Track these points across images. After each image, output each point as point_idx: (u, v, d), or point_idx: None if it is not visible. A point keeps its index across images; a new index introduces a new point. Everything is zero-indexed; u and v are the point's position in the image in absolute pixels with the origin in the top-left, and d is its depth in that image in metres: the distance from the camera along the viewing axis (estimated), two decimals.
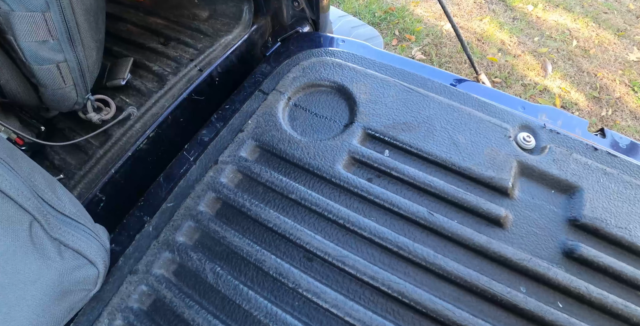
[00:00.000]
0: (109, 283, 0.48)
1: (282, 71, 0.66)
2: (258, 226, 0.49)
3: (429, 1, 1.94)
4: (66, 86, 0.59)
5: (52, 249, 0.44)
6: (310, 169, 0.51)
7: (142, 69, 0.74)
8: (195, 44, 0.76)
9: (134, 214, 0.55)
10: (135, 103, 0.67)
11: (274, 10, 0.84)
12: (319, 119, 0.59)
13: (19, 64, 0.60)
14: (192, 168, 0.55)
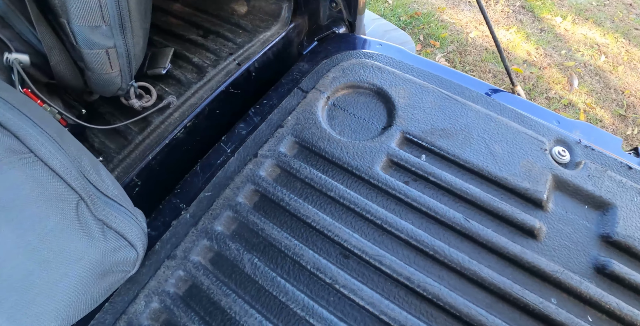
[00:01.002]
0: (146, 266, 0.49)
1: (321, 70, 0.67)
2: (296, 221, 0.50)
3: (455, 8, 1.95)
4: (112, 72, 0.61)
5: (96, 229, 0.46)
6: (348, 168, 0.53)
7: (182, 59, 0.76)
8: (235, 38, 0.78)
9: (171, 201, 0.57)
10: (174, 92, 0.69)
11: (311, 9, 0.85)
12: (357, 119, 0.60)
13: (69, 47, 0.62)
14: (231, 159, 0.57)
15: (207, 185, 0.56)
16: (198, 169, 0.60)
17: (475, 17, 1.93)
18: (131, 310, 0.46)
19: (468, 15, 1.92)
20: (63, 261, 0.45)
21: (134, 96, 0.65)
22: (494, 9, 1.92)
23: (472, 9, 1.97)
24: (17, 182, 0.43)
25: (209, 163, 0.60)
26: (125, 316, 0.46)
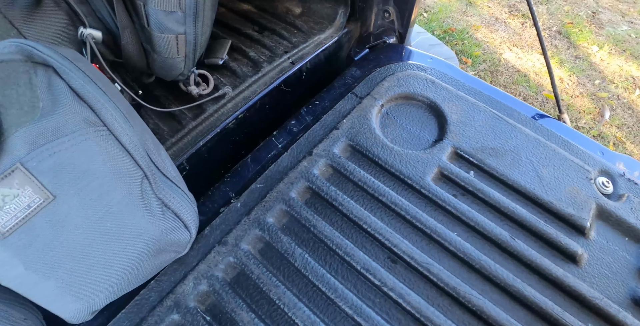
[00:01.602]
0: (194, 250, 0.51)
1: (375, 78, 0.69)
2: (346, 222, 0.52)
3: (490, 28, 1.98)
4: (178, 57, 0.63)
5: (157, 208, 0.48)
6: (400, 176, 0.55)
7: (238, 52, 0.78)
8: (290, 37, 0.80)
9: (220, 188, 0.59)
10: (229, 83, 0.72)
11: (364, 17, 0.88)
12: (408, 130, 0.62)
13: (138, 29, 0.64)
14: (284, 155, 0.59)
15: (258, 177, 0.58)
16: (249, 161, 0.62)
17: (510, 38, 1.95)
18: (179, 290, 0.48)
19: (503, 36, 1.95)
20: (124, 234, 0.46)
21: (193, 83, 0.68)
22: (530, 32, 1.95)
23: (507, 30, 1.99)
24: (90, 153, 0.45)
25: (259, 155, 0.62)
26: (173, 295, 0.48)
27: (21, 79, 0.43)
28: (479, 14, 2.10)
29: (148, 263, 0.49)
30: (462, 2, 2.22)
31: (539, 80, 1.77)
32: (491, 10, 2.14)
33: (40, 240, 0.44)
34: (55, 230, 0.44)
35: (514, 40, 1.95)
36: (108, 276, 0.47)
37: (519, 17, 2.08)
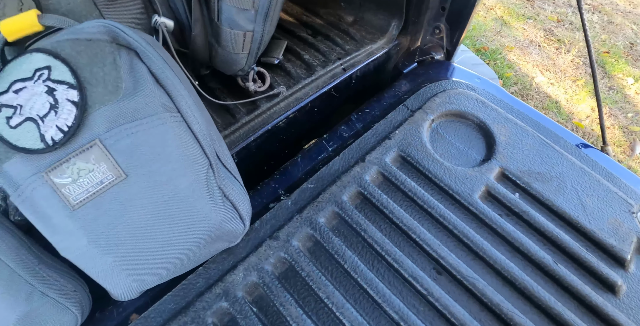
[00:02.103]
0: (244, 241, 0.54)
1: (426, 93, 0.72)
2: (395, 229, 0.54)
3: (524, 50, 2.01)
4: (242, 53, 0.66)
5: (218, 197, 0.50)
6: (449, 191, 0.57)
7: (293, 54, 0.81)
8: (344, 45, 0.83)
9: (269, 184, 0.61)
10: (283, 83, 0.74)
11: (414, 31, 0.91)
12: (456, 147, 0.64)
13: (206, 22, 0.66)
14: (335, 158, 0.61)
15: (309, 177, 0.60)
16: (299, 160, 0.64)
17: (543, 62, 1.98)
18: (228, 279, 0.50)
19: (536, 59, 1.97)
20: (187, 219, 0.49)
21: (251, 79, 0.70)
22: (564, 58, 1.97)
23: (540, 54, 2.02)
24: (165, 137, 0.47)
25: (310, 156, 0.65)
26: (222, 283, 0.50)
27: (107, 59, 0.45)
28: (513, 36, 2.13)
29: (203, 249, 0.51)
30: (497, 22, 2.25)
31: (570, 107, 1.78)
32: (526, 33, 2.16)
33: (106, 216, 0.47)
34: (122, 208, 0.47)
35: (547, 65, 1.97)
36: (165, 258, 0.49)
37: (554, 42, 2.11)
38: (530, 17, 2.26)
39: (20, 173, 0.45)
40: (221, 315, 0.49)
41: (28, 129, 0.44)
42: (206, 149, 0.52)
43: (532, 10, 2.32)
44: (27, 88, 0.44)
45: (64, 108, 0.44)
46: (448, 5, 0.85)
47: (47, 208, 0.46)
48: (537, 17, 2.26)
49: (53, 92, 0.44)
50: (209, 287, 0.52)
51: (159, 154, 0.47)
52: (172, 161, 0.47)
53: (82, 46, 0.45)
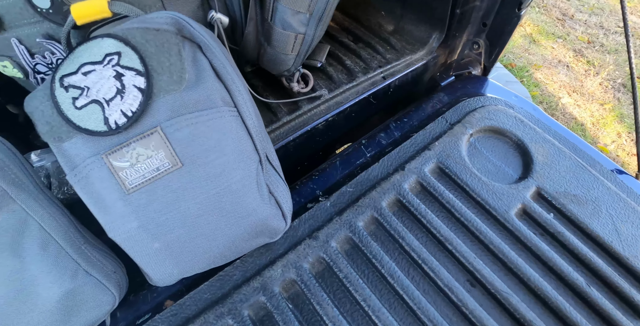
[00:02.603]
0: (283, 238, 0.55)
1: (465, 107, 0.73)
2: (431, 239, 0.55)
3: (552, 69, 2.01)
4: (291, 54, 0.68)
5: (265, 192, 0.52)
6: (486, 206, 0.58)
7: (334, 59, 0.83)
8: (385, 53, 0.85)
9: (307, 184, 0.63)
10: (325, 87, 0.76)
11: (453, 45, 0.92)
12: (494, 163, 0.66)
13: (258, 20, 0.68)
14: (375, 164, 0.63)
15: (347, 181, 0.62)
16: (337, 164, 0.66)
17: (571, 83, 1.98)
18: (267, 274, 0.52)
19: (563, 80, 1.98)
20: (235, 213, 0.50)
21: (296, 80, 0.72)
22: (592, 81, 1.97)
23: (568, 74, 2.02)
24: (223, 131, 0.49)
25: (348, 160, 0.66)
26: (260, 278, 0.51)
27: (173, 49, 0.47)
28: (541, 54, 2.14)
29: (246, 243, 0.53)
30: (526, 39, 2.27)
31: (595, 131, 1.78)
32: (555, 52, 2.17)
33: (158, 203, 0.49)
34: (174, 196, 0.49)
35: (574, 86, 1.97)
36: (210, 248, 0.51)
37: (583, 63, 2.11)
38: (560, 36, 2.27)
39: (79, 153, 0.47)
40: (258, 308, 0.51)
41: (93, 111, 0.46)
42: (257, 145, 0.54)
43: (562, 29, 2.33)
44: (96, 71, 0.46)
45: (130, 94, 0.46)
46: (490, 22, 0.87)
47: (102, 189, 0.48)
48: (567, 36, 2.27)
49: (121, 78, 0.46)
50: (246, 280, 0.53)
51: (215, 147, 0.49)
52: (227, 154, 0.49)
53: (150, 35, 0.47)
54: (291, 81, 0.74)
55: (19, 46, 0.55)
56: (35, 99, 0.47)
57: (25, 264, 0.47)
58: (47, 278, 0.48)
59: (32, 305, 0.48)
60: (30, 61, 0.57)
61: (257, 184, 0.52)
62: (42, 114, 0.47)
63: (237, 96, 0.52)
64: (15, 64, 0.58)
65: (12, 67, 0.59)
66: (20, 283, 0.47)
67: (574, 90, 1.96)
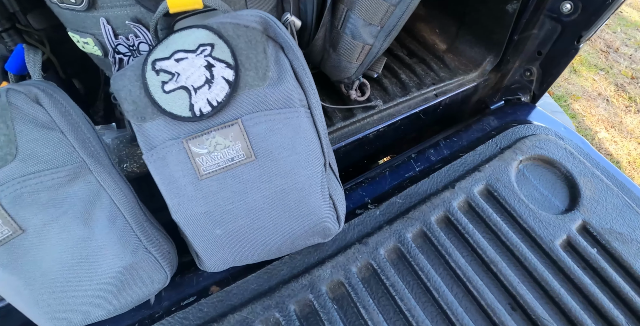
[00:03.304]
0: (332, 241, 0.58)
1: (516, 134, 0.76)
2: (476, 259, 0.58)
3: (590, 102, 2.02)
4: (354, 63, 0.71)
5: (326, 194, 0.55)
6: (531, 233, 0.60)
7: (390, 71, 0.86)
8: (438, 71, 0.88)
9: (357, 190, 0.66)
10: (379, 98, 0.78)
11: (505, 70, 0.95)
12: (541, 192, 0.68)
13: (327, 26, 0.71)
14: (424, 179, 0.66)
15: (396, 192, 0.64)
16: (387, 174, 0.68)
17: (610, 118, 1.98)
18: (316, 273, 0.54)
19: (602, 114, 1.98)
20: (297, 210, 0.53)
21: (354, 88, 0.75)
22: (632, 118, 1.97)
23: (608, 109, 2.02)
24: (298, 130, 0.52)
25: (397, 172, 0.69)
26: (309, 276, 0.54)
27: (259, 47, 0.50)
28: (581, 85, 2.15)
29: (301, 241, 0.56)
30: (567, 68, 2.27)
31: (631, 170, 1.77)
32: (596, 84, 2.18)
33: (227, 191, 0.51)
34: (243, 187, 0.51)
35: (612, 122, 1.96)
36: (268, 241, 0.54)
37: (624, 99, 2.11)
38: (603, 68, 2.27)
39: (160, 135, 0.50)
40: (304, 305, 0.53)
41: (180, 96, 0.49)
42: (324, 148, 0.56)
43: (605, 61, 2.33)
44: (188, 59, 0.49)
45: (217, 85, 0.49)
46: (545, 51, 0.89)
47: (177, 171, 0.51)
48: (609, 69, 2.27)
49: (211, 68, 0.49)
50: (294, 277, 0.56)
51: (288, 144, 0.52)
52: (298, 153, 0.52)
53: (241, 31, 0.49)
54: (349, 89, 0.77)
55: (105, 26, 0.59)
56: (124, 78, 0.50)
57: (93, 234, 0.50)
58: (111, 250, 0.51)
59: (92, 274, 0.51)
60: (114, 41, 0.61)
61: (320, 185, 0.55)
62: (129, 93, 0.50)
63: (312, 98, 0.55)
64: (97, 42, 0.62)
65: (93, 45, 0.63)
66: (86, 251, 0.50)
67: (612, 125, 1.95)
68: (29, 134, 0.47)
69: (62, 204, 0.49)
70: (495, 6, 0.87)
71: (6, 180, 0.47)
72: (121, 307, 0.54)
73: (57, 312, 0.52)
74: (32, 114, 0.48)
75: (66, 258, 0.50)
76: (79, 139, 0.50)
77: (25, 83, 0.50)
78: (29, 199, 0.48)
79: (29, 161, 0.47)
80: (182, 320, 0.54)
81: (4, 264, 0.49)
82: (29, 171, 0.47)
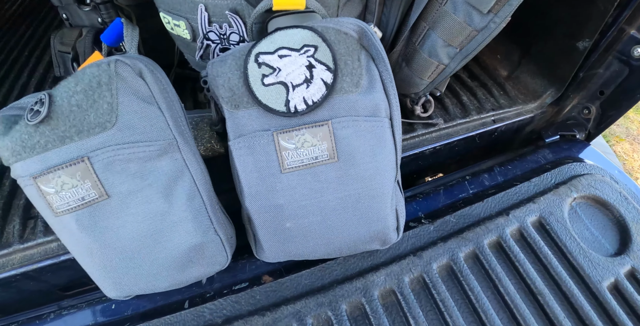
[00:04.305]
0: (386, 249, 0.60)
1: (572, 171, 0.78)
2: (524, 288, 0.61)
3: (634, 145, 2.02)
4: (425, 80, 0.74)
5: (393, 204, 0.62)
6: (580, 271, 0.62)
7: (452, 92, 0.89)
8: (499, 97, 0.91)
9: (411, 204, 0.68)
10: (440, 116, 0.81)
11: (564, 105, 0.96)
12: (592, 232, 0.70)
13: (405, 41, 0.74)
14: (478, 203, 0.68)
15: (450, 211, 0.67)
16: (441, 192, 0.71)
17: None
18: (370, 278, 0.57)
19: None
20: (367, 216, 0.59)
21: (420, 104, 0.77)
22: None
23: None
24: (381, 139, 0.58)
25: (452, 191, 0.72)
26: (363, 280, 0.57)
27: (354, 54, 0.53)
28: (626, 126, 2.14)
29: (362, 245, 0.59)
30: None
31: None
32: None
33: (304, 188, 0.56)
34: (320, 186, 0.56)
35: None
36: (332, 241, 0.59)
37: None
38: None
39: (250, 124, 0.54)
40: (355, 307, 0.56)
41: (277, 91, 0.52)
42: (398, 160, 0.58)
43: None
44: (291, 57, 0.52)
45: (315, 85, 0.52)
46: (609, 92, 0.90)
47: (261, 162, 0.54)
48: None
49: (311, 69, 0.52)
50: (347, 278, 0.59)
51: (369, 152, 0.55)
52: (377, 161, 0.55)
53: (341, 37, 0.53)
54: (415, 104, 0.80)
55: (202, 12, 0.62)
56: (224, 66, 0.53)
57: (171, 209, 0.53)
58: (184, 227, 0.54)
59: (162, 247, 0.54)
60: (207, 27, 0.65)
61: (391, 195, 0.57)
62: (227, 81, 0.53)
63: (395, 110, 0.58)
64: (188, 25, 0.66)
65: (184, 28, 0.67)
66: (161, 225, 0.53)
67: None
68: (129, 106, 0.51)
69: (148, 177, 0.52)
70: (565, 42, 0.90)
71: (102, 145, 0.50)
72: (180, 282, 0.58)
73: (122, 278, 0.56)
74: (136, 87, 0.51)
75: (142, 229, 0.53)
76: (173, 117, 0.54)
77: (130, 56, 0.53)
78: (119, 167, 0.51)
79: (126, 131, 0.51)
80: (234, 303, 0.57)
81: (84, 225, 0.52)
82: (124, 141, 0.51)
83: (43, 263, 0.67)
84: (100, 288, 0.58)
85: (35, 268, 0.67)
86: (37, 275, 0.70)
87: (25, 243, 0.69)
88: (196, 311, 0.57)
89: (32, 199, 0.54)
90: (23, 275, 0.68)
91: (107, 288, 0.58)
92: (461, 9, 0.67)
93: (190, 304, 0.59)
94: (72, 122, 0.50)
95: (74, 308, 0.64)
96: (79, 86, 0.50)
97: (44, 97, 0.50)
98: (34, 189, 0.51)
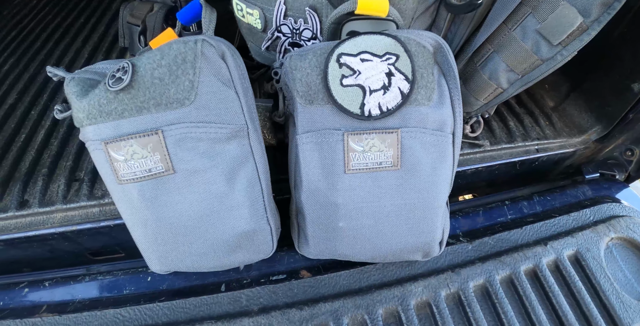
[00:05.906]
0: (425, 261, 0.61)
1: (611, 210, 0.80)
2: (555, 320, 0.65)
3: None
4: (480, 101, 0.78)
5: (443, 218, 0.60)
6: (611, 311, 0.69)
7: (499, 115, 0.92)
8: (544, 127, 0.95)
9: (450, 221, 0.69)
10: (486, 138, 0.84)
11: (608, 144, 0.98)
12: (625, 274, 0.72)
13: (463, 60, 0.76)
14: (516, 229, 0.71)
15: (488, 233, 0.69)
16: (480, 213, 0.73)
17: None
18: (408, 287, 0.60)
19: None
20: (418, 226, 0.62)
21: (471, 123, 0.80)
22: None
23: None
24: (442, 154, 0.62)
25: (490, 214, 0.75)
26: (401, 288, 0.60)
27: (429, 68, 0.56)
28: None
29: (406, 254, 0.63)
30: None
31: None
32: None
33: (363, 191, 0.60)
34: (379, 192, 0.60)
35: None
36: (379, 246, 0.63)
37: None
38: None
39: (322, 121, 0.56)
40: (390, 314, 0.58)
41: (354, 93, 0.54)
42: (453, 175, 0.60)
43: None
44: (372, 62, 0.55)
45: (392, 93, 0.54)
46: None
47: (327, 159, 0.57)
48: None
49: (390, 77, 0.54)
50: (385, 285, 0.61)
51: (431, 164, 0.58)
52: (437, 175, 0.57)
53: (420, 49, 0.55)
54: (465, 123, 0.83)
55: (281, 5, 0.65)
56: (304, 61, 0.56)
57: (232, 193, 0.56)
58: (240, 212, 0.56)
59: (216, 229, 0.57)
60: (281, 20, 0.67)
61: (443, 209, 0.60)
62: (306, 76, 0.56)
63: (458, 128, 0.60)
64: (262, 15, 0.68)
65: (257, 18, 0.70)
66: (219, 207, 0.56)
67: None
68: (209, 86, 0.53)
69: (215, 158, 0.55)
70: (620, 81, 0.92)
71: (178, 121, 0.53)
72: (224, 265, 0.60)
73: (169, 253, 0.58)
74: (217, 68, 0.54)
75: (200, 208, 0.56)
76: (247, 103, 0.56)
77: (214, 38, 0.56)
78: (190, 145, 0.54)
79: (202, 110, 0.53)
80: (271, 294, 0.60)
81: (146, 197, 0.55)
82: (199, 119, 0.54)
83: (82, 226, 0.70)
84: (145, 259, 0.61)
85: (73, 229, 0.70)
86: (74, 236, 0.72)
87: (67, 204, 0.72)
88: (233, 295, 0.60)
89: (98, 164, 0.56)
90: (61, 234, 0.70)
91: (153, 261, 0.60)
92: (530, 37, 0.69)
93: (227, 288, 0.61)
94: (152, 94, 0.52)
95: (109, 274, 0.66)
96: (165, 60, 0.52)
97: (127, 66, 0.52)
98: (102, 154, 0.54)
